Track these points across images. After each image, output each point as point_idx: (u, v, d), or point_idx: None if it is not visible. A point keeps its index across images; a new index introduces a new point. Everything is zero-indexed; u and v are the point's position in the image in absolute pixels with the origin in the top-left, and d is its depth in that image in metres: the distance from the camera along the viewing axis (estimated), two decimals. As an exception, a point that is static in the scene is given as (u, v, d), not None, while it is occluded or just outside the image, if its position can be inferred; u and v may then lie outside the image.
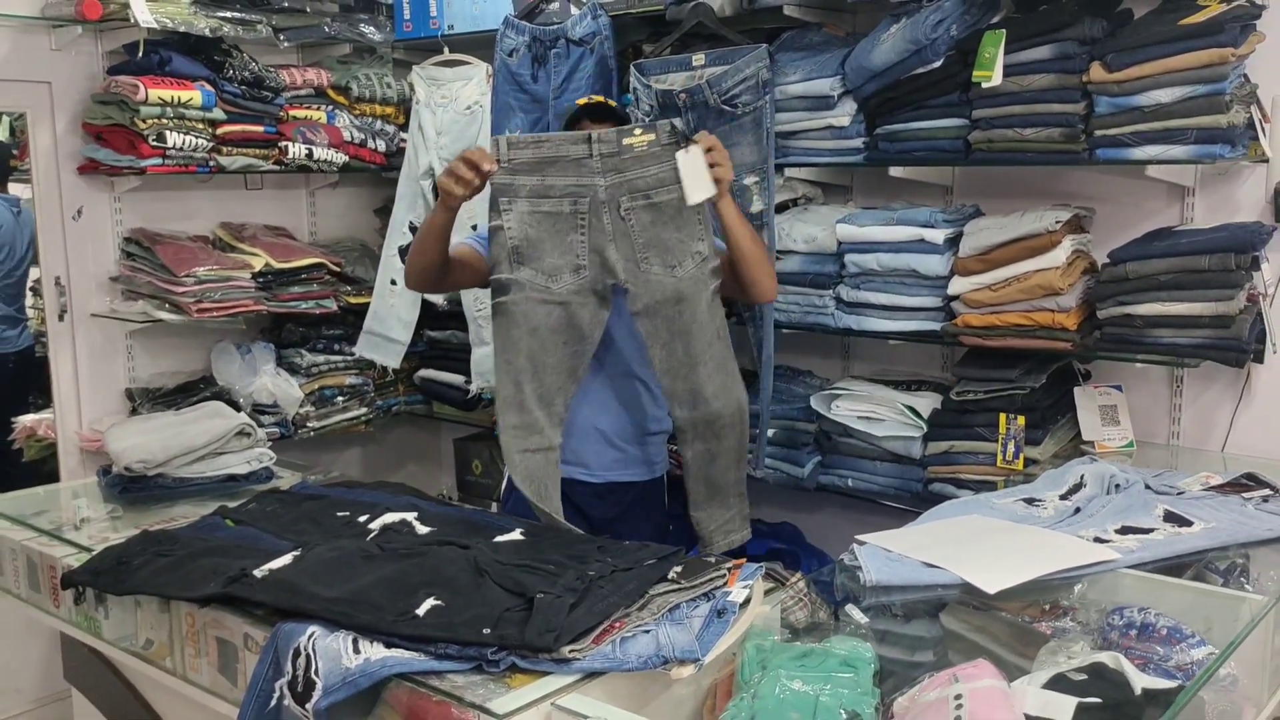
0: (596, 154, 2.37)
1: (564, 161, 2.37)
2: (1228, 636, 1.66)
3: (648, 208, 2.39)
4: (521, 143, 2.39)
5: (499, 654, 1.56)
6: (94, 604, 2.10)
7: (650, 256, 2.40)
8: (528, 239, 2.37)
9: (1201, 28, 2.41)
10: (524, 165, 2.36)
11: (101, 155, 3.35)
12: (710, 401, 2.46)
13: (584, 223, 2.38)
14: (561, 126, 2.63)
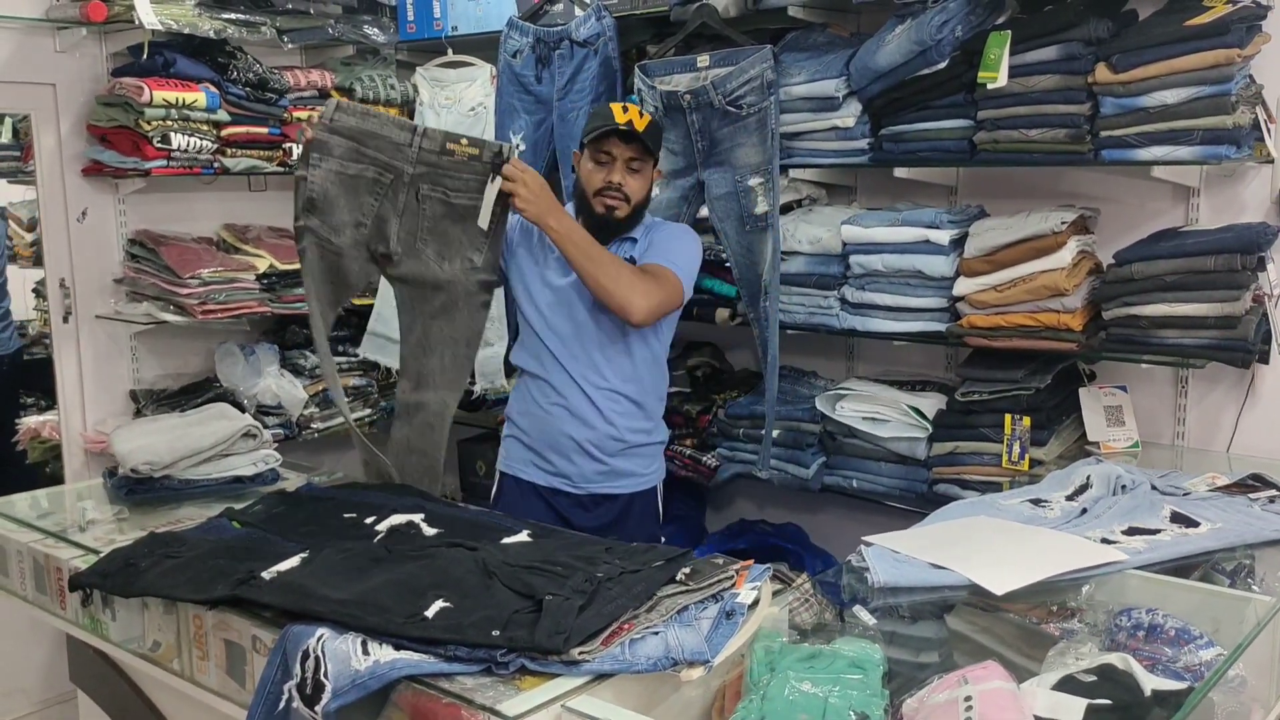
0: (417, 146, 2.45)
1: (384, 142, 2.44)
2: (1235, 637, 1.66)
3: (443, 202, 2.49)
4: (351, 110, 2.46)
5: (508, 656, 1.56)
6: (100, 606, 2.10)
7: (429, 241, 2.50)
8: (325, 195, 2.44)
9: (1207, 28, 2.41)
10: (345, 129, 2.43)
11: (106, 157, 3.35)
12: (427, 391, 2.56)
13: (380, 192, 2.46)
14: (585, 127, 2.61)
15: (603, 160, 2.54)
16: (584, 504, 2.63)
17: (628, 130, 2.50)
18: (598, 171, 2.54)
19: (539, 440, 2.64)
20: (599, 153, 2.54)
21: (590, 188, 2.55)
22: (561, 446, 2.62)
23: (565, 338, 2.59)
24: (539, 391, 2.63)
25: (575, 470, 2.62)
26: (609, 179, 2.53)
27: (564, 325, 2.59)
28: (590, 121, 2.61)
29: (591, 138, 2.53)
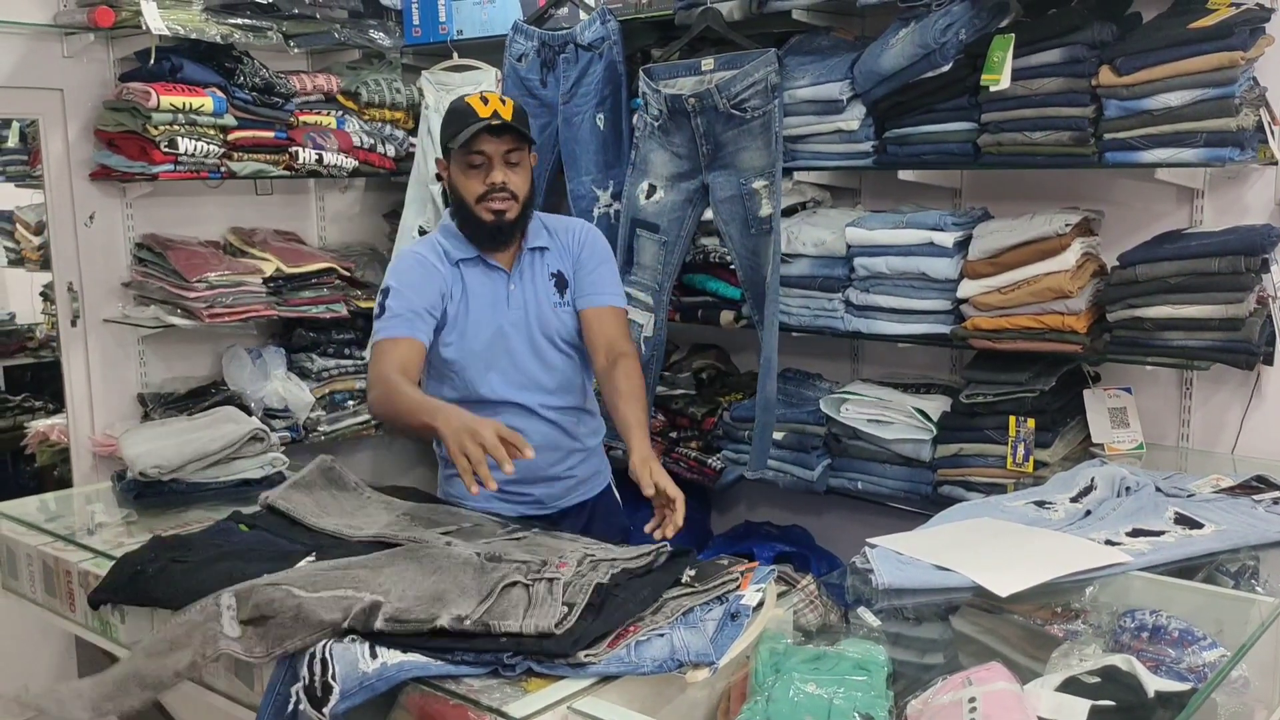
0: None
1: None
2: (1239, 639, 1.67)
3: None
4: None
5: (515, 658, 1.57)
6: (109, 608, 2.12)
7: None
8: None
9: (1210, 31, 2.41)
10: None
11: (113, 161, 3.37)
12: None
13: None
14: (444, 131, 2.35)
15: (476, 163, 2.27)
16: (554, 520, 2.44)
17: (498, 123, 2.24)
18: (473, 177, 2.28)
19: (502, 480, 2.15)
20: (470, 154, 2.27)
21: (470, 196, 2.29)
22: (531, 476, 2.38)
23: (506, 371, 2.38)
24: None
25: (545, 492, 2.45)
26: (490, 181, 2.28)
27: (503, 360, 2.38)
28: (448, 124, 2.32)
29: (460, 142, 2.26)
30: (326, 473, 2.38)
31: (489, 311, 2.37)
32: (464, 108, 2.29)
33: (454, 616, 1.62)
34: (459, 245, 2.37)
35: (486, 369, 2.38)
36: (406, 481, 4.21)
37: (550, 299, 2.41)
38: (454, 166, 2.32)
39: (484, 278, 2.38)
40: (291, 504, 2.26)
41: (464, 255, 2.36)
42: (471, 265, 2.37)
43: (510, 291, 2.38)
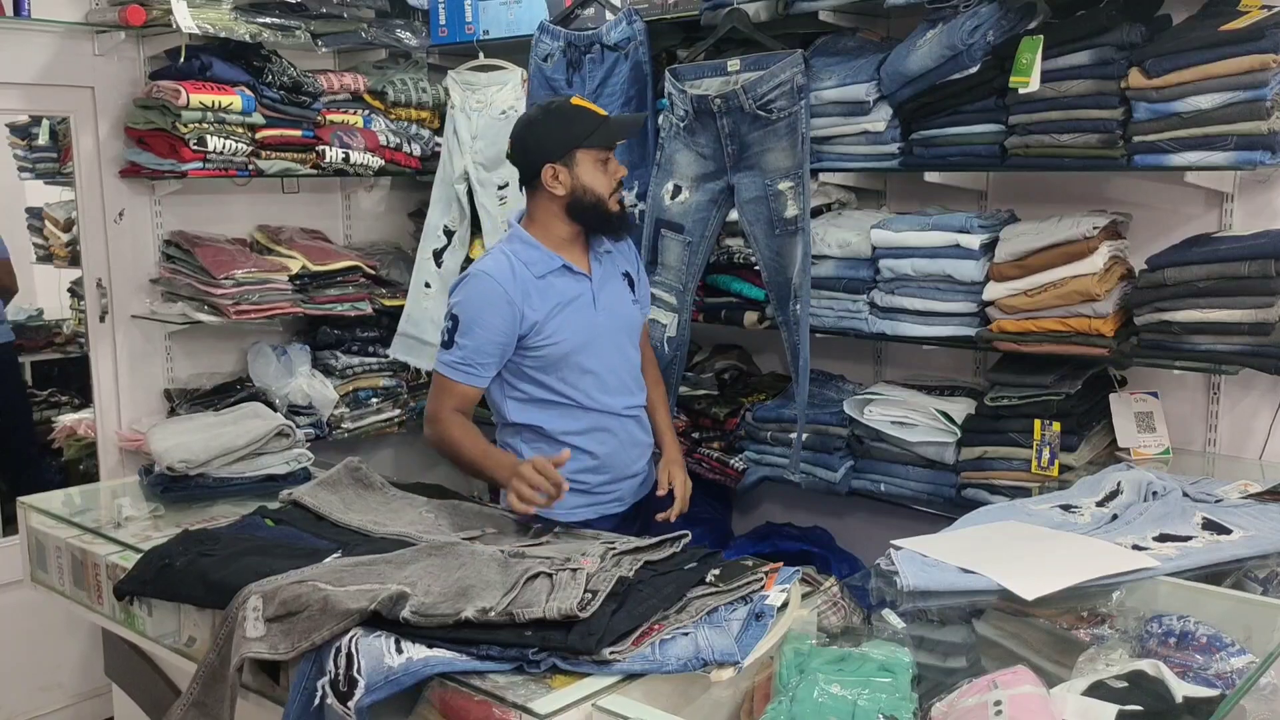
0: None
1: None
2: (1267, 645, 1.66)
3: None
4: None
5: (540, 655, 1.58)
6: (136, 601, 2.14)
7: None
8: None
9: (1242, 34, 2.39)
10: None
11: (143, 159, 3.40)
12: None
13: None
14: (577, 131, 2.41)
15: (605, 159, 2.43)
16: (628, 516, 2.59)
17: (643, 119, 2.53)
18: (605, 173, 2.42)
19: (596, 481, 2.50)
20: (604, 152, 2.42)
21: (605, 190, 2.42)
22: (619, 474, 2.54)
23: (599, 374, 2.47)
24: (600, 435, 2.49)
25: (627, 488, 2.58)
26: (616, 176, 2.45)
27: (593, 361, 2.46)
28: (572, 124, 2.41)
29: (609, 142, 2.43)
30: (354, 473, 2.40)
31: (578, 316, 2.43)
32: (583, 110, 2.43)
33: (479, 609, 1.63)
34: (543, 258, 2.42)
35: (581, 373, 2.44)
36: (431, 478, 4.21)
37: (627, 297, 2.55)
38: (583, 165, 2.40)
39: (571, 285, 2.44)
40: (317, 500, 2.27)
41: (550, 268, 2.42)
42: (558, 275, 2.43)
43: (596, 295, 2.47)
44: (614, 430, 2.50)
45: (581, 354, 2.43)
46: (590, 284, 2.47)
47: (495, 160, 3.64)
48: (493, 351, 2.36)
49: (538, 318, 2.38)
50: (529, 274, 2.39)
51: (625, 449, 2.55)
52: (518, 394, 2.45)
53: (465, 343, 2.35)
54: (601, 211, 2.43)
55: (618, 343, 2.51)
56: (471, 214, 3.73)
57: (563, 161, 2.39)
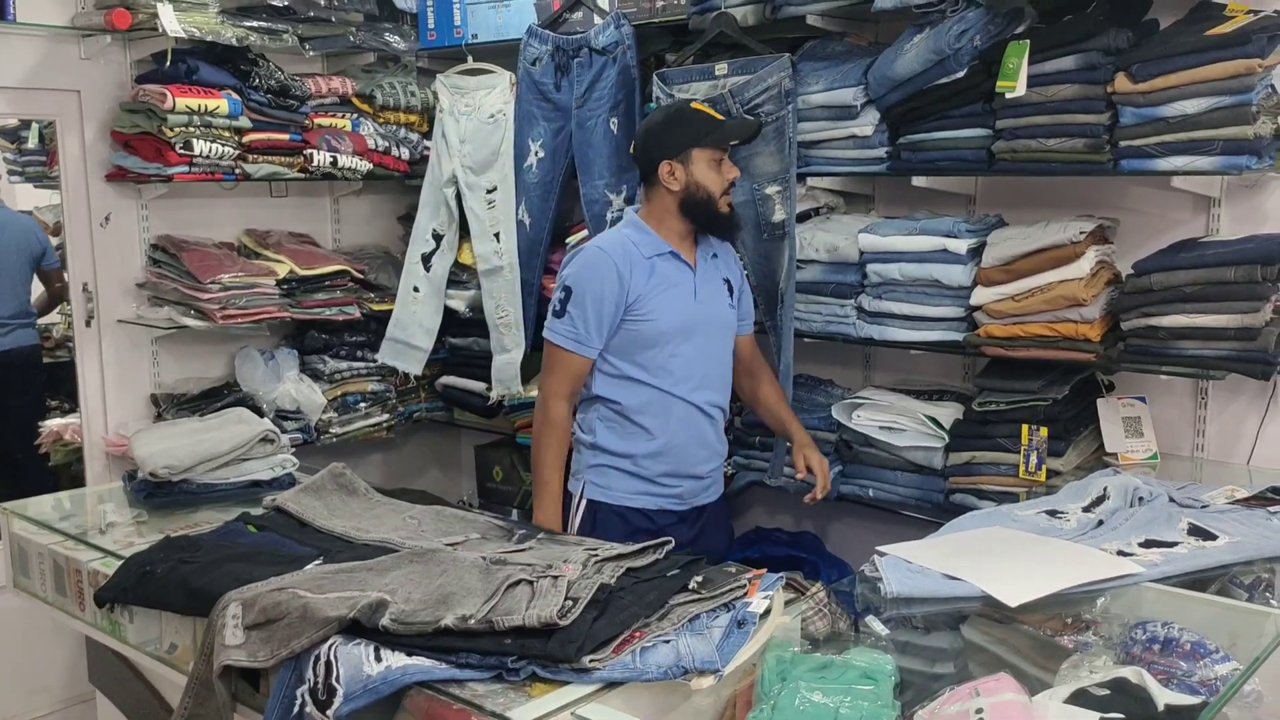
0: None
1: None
2: (1252, 652, 1.65)
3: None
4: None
5: (519, 663, 1.57)
6: (119, 608, 2.12)
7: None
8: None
9: (1228, 39, 2.39)
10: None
11: (129, 163, 3.39)
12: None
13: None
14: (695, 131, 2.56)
15: (719, 160, 2.57)
16: (685, 518, 2.68)
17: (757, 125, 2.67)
18: (719, 173, 2.57)
19: (657, 470, 2.63)
20: (718, 152, 2.56)
21: (716, 189, 2.56)
22: (682, 470, 2.64)
23: (689, 360, 2.60)
24: (672, 422, 2.61)
25: (687, 488, 2.67)
26: (729, 176, 2.58)
27: (686, 347, 2.59)
28: (695, 125, 2.56)
29: (723, 143, 2.56)
30: (338, 478, 2.39)
31: (680, 301, 2.58)
32: (700, 113, 2.58)
33: (459, 616, 1.62)
34: (653, 242, 2.59)
35: (669, 356, 2.58)
36: (418, 485, 4.22)
37: (724, 300, 2.69)
38: (698, 164, 2.55)
39: (676, 271, 2.60)
40: (301, 506, 2.26)
41: (658, 251, 2.59)
42: (665, 259, 2.59)
43: (697, 286, 2.62)
44: (686, 421, 2.62)
45: (674, 337, 2.57)
46: (694, 275, 2.62)
47: (484, 164, 3.63)
48: (602, 321, 2.53)
49: (641, 292, 2.54)
50: (639, 253, 2.56)
51: (693, 445, 2.64)
52: (608, 368, 2.60)
53: (575, 312, 2.53)
54: (712, 209, 2.58)
55: (710, 336, 2.63)
56: (460, 218, 3.72)
57: (679, 159, 2.55)
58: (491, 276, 3.64)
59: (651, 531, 2.58)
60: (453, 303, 3.81)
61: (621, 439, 2.63)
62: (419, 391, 4.08)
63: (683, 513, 2.67)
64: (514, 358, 3.63)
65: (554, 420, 2.60)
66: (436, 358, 3.94)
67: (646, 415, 2.60)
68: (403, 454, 4.36)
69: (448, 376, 4.05)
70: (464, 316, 3.83)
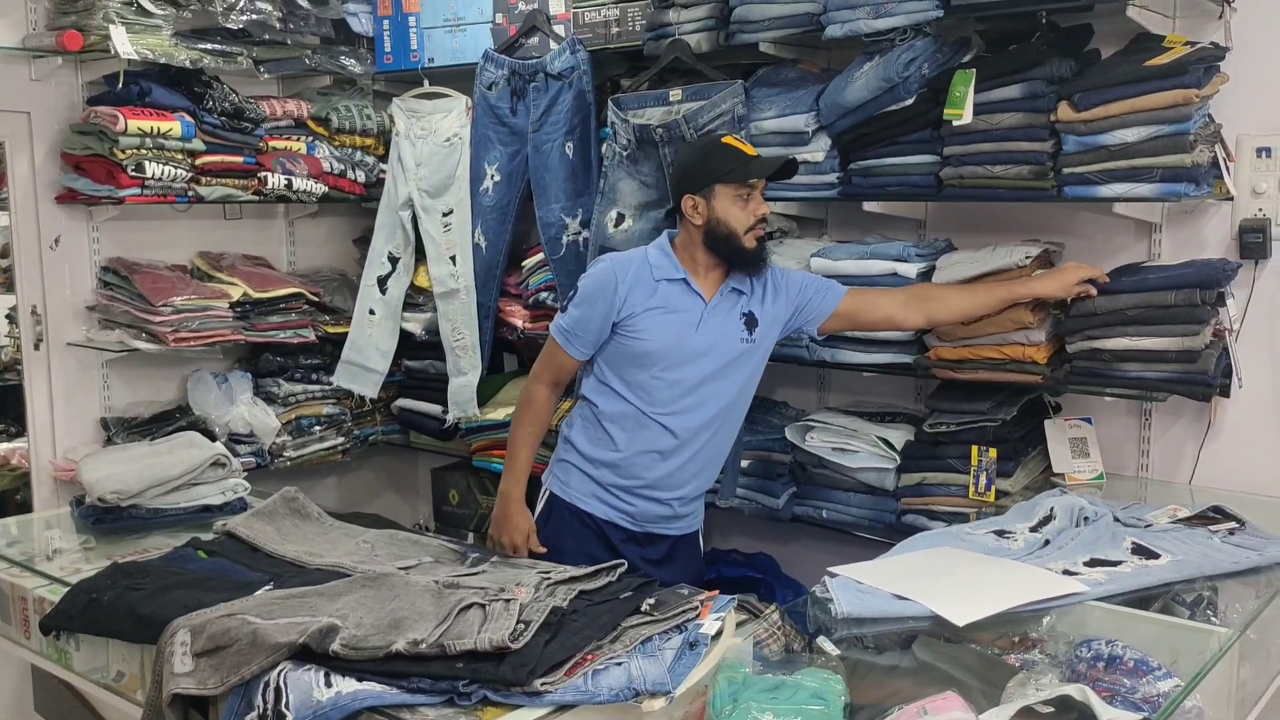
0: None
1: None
2: (1194, 668, 1.68)
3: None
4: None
5: (471, 687, 1.57)
6: (65, 636, 2.09)
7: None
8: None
9: (1166, 69, 2.46)
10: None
11: (80, 185, 3.36)
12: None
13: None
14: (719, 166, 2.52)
15: (746, 196, 2.52)
16: (637, 539, 2.67)
17: (783, 162, 2.58)
18: (745, 209, 2.52)
19: (618, 483, 2.64)
20: (744, 188, 2.51)
21: (741, 226, 2.52)
22: (633, 488, 2.63)
23: (675, 385, 2.57)
24: (637, 440, 2.60)
25: (639, 510, 2.65)
26: (757, 213, 2.54)
27: (674, 373, 2.56)
28: (719, 160, 2.52)
29: (747, 179, 2.50)
30: (290, 503, 2.37)
31: (677, 328, 2.56)
32: (728, 147, 2.53)
33: (410, 641, 1.61)
34: (668, 266, 2.59)
35: (656, 380, 2.57)
36: (374, 508, 4.19)
37: (738, 333, 2.61)
38: (723, 199, 2.52)
39: (682, 297, 2.58)
40: (252, 531, 2.25)
41: (670, 276, 2.58)
42: (675, 285, 2.58)
43: (703, 319, 2.58)
44: (654, 441, 2.60)
45: (662, 360, 2.56)
46: (704, 307, 2.58)
47: (440, 187, 3.64)
48: (589, 328, 2.57)
49: (635, 310, 2.55)
50: (649, 274, 2.57)
51: (654, 466, 2.61)
52: (598, 373, 2.65)
53: (575, 313, 2.59)
54: (735, 245, 2.54)
55: (706, 369, 2.58)
56: (416, 241, 3.72)
57: (702, 194, 2.53)
58: (448, 299, 3.64)
59: (600, 539, 2.62)
60: (409, 325, 3.79)
61: (589, 442, 2.66)
62: (375, 414, 4.06)
63: (635, 533, 2.66)
64: (470, 380, 3.63)
65: (532, 400, 2.68)
66: (392, 380, 3.92)
67: (616, 425, 2.61)
68: (358, 477, 4.33)
69: (404, 399, 4.03)
70: (420, 339, 3.81)
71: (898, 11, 2.69)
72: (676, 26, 3.08)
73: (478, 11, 3.59)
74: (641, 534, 2.67)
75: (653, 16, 3.13)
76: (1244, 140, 2.68)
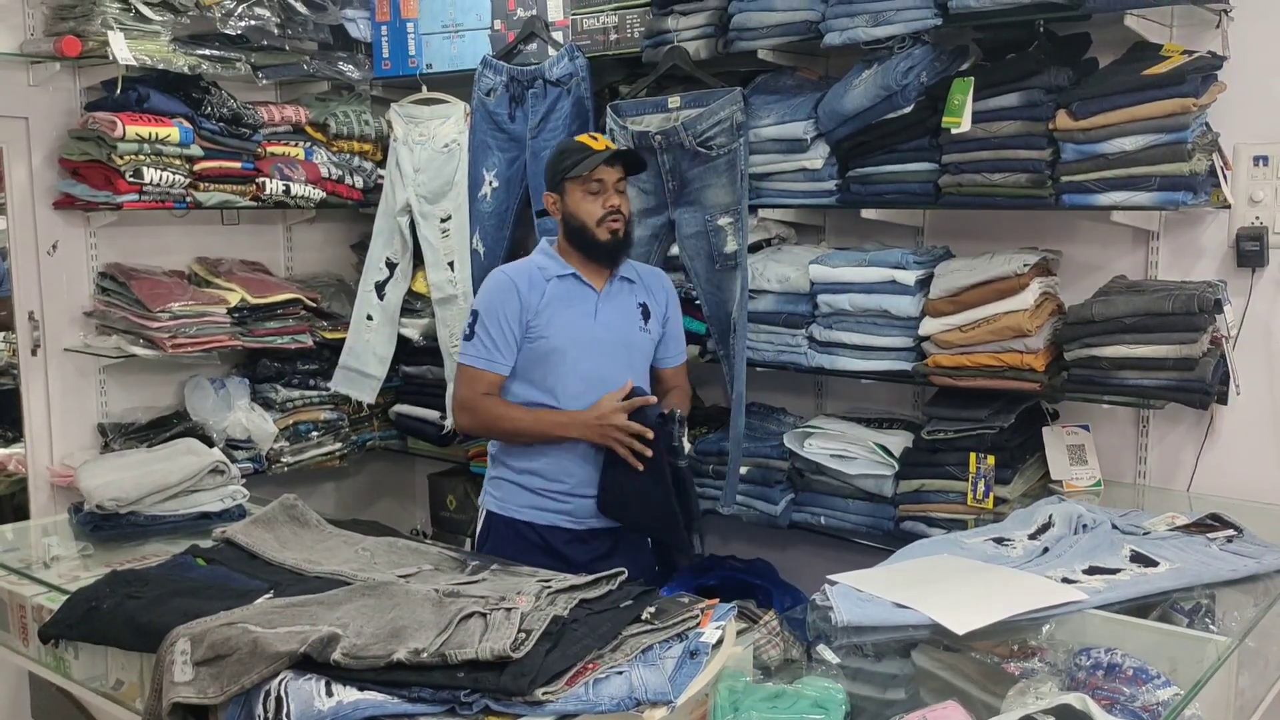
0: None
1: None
2: (1193, 677, 1.69)
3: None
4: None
5: (472, 696, 1.56)
6: (64, 644, 2.09)
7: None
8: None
9: (1164, 78, 2.47)
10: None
11: (78, 191, 3.35)
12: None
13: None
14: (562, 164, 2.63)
15: (595, 190, 2.61)
16: (582, 538, 2.69)
17: (624, 152, 2.67)
18: (593, 202, 2.61)
19: (549, 487, 2.67)
20: (589, 182, 2.60)
21: (591, 219, 2.61)
22: (570, 489, 2.66)
23: (585, 377, 2.63)
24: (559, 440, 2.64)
25: (577, 508, 2.67)
26: (608, 205, 2.61)
27: (583, 365, 2.63)
28: (566, 157, 2.63)
29: (582, 171, 2.58)
30: (289, 510, 2.37)
31: (576, 320, 2.64)
32: (577, 144, 2.65)
33: (411, 650, 1.61)
34: (556, 265, 2.68)
35: (567, 373, 2.63)
36: (371, 514, 4.19)
37: (636, 322, 2.72)
38: (572, 195, 2.63)
39: (575, 292, 2.67)
40: (251, 539, 2.24)
41: (560, 272, 2.67)
42: (565, 280, 2.67)
43: (599, 308, 2.67)
44: (578, 439, 2.62)
45: (570, 353, 2.62)
46: (597, 297, 2.67)
47: (438, 193, 3.64)
48: (507, 337, 2.61)
49: (538, 308, 2.62)
50: (541, 275, 2.65)
51: (583, 463, 2.65)
52: (513, 385, 2.67)
53: (483, 334, 2.62)
54: (589, 237, 2.63)
55: (613, 356, 2.66)
56: (414, 246, 3.72)
57: (557, 189, 2.66)
58: (445, 305, 3.64)
59: (544, 548, 2.63)
60: (406, 331, 3.80)
61: (515, 454, 2.70)
62: (372, 420, 4.06)
63: (579, 532, 2.68)
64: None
65: (489, 403, 2.63)
66: (390, 386, 3.93)
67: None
68: (355, 483, 4.32)
69: (401, 405, 4.03)
70: (418, 345, 3.82)
71: (896, 20, 2.70)
72: (675, 33, 3.09)
73: (476, 18, 3.60)
74: (585, 531, 2.69)
75: (651, 23, 3.14)
76: (1241, 149, 2.69)
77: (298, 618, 1.76)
